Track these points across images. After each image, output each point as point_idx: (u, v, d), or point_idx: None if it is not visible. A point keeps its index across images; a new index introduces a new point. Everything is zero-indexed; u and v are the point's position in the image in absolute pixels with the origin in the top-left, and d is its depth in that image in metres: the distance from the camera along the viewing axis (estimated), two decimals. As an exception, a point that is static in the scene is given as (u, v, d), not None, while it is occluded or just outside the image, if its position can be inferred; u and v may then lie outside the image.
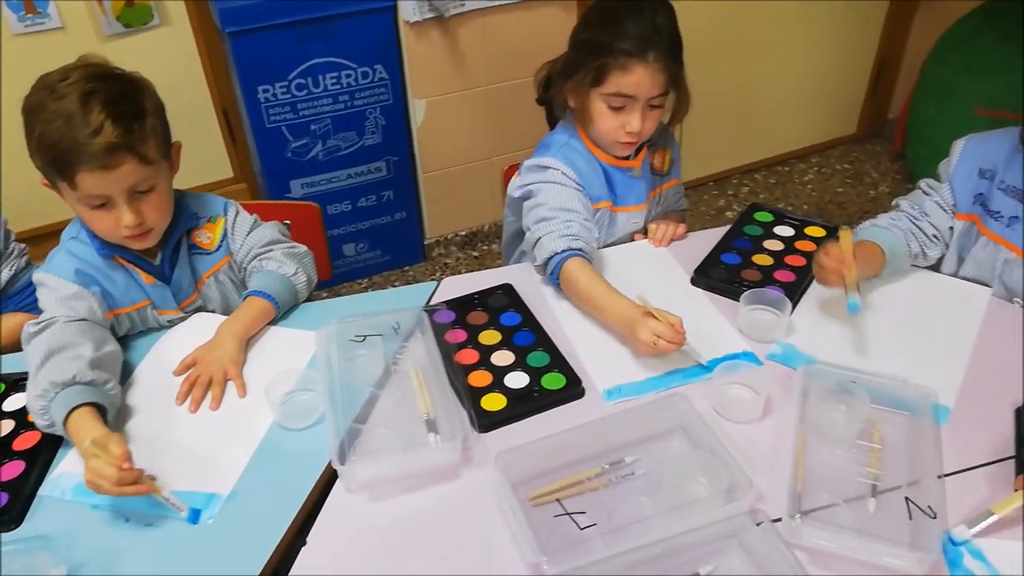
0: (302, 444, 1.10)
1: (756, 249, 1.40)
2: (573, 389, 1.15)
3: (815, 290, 1.33)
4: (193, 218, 1.30)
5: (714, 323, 1.27)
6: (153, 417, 1.15)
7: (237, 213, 1.35)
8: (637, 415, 1.08)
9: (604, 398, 1.14)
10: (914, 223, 1.36)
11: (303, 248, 1.39)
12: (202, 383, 1.18)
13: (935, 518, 0.91)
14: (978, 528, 0.91)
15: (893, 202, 1.42)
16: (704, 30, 2.63)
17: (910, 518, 0.92)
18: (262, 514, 1.00)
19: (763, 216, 1.49)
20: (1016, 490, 0.95)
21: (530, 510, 0.96)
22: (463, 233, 2.76)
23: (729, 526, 0.92)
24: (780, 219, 1.48)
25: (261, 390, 1.14)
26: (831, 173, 3.12)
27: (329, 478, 1.05)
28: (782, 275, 1.33)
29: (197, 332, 1.27)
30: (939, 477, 0.99)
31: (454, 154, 2.54)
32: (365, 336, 1.21)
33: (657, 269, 1.41)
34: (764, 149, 3.16)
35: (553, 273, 1.31)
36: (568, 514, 0.94)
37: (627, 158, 1.44)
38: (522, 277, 1.40)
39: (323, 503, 1.01)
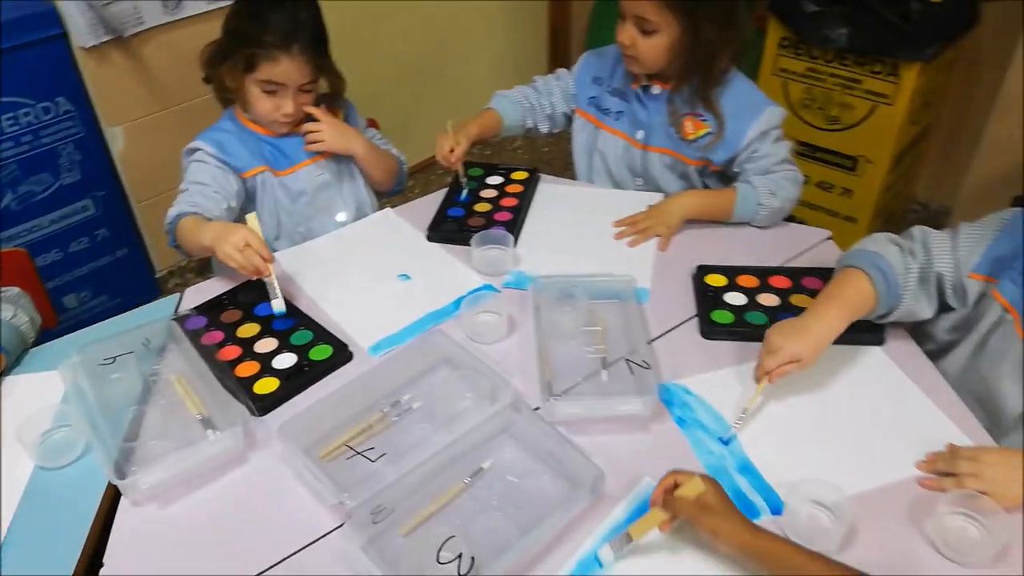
0: (72, 479, 1.06)
1: (475, 200, 1.57)
2: (341, 355, 1.22)
3: (530, 223, 1.53)
4: None
5: (454, 269, 1.41)
6: None
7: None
8: (404, 358, 1.18)
9: (370, 354, 1.23)
10: (539, 101, 1.70)
11: (15, 290, 1.31)
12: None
13: (649, 368, 1.13)
14: (619, 550, 0.91)
15: (532, 78, 1.75)
16: (388, 27, 2.78)
17: (632, 373, 1.14)
18: (44, 558, 0.96)
19: (475, 171, 1.67)
20: (653, 504, 0.94)
21: (324, 464, 1.03)
22: (196, 258, 2.65)
23: (498, 422, 1.07)
24: (489, 171, 1.67)
25: (12, 438, 1.07)
26: (536, 136, 3.46)
27: (111, 502, 1.03)
28: (501, 216, 1.51)
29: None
30: (648, 343, 1.22)
31: (167, 178, 2.41)
32: (115, 357, 1.18)
33: (397, 234, 1.52)
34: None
35: (170, 232, 1.41)
36: (359, 453, 1.02)
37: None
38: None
39: (111, 528, 1.00)
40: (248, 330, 1.28)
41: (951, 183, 2.58)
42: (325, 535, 0.97)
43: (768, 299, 1.28)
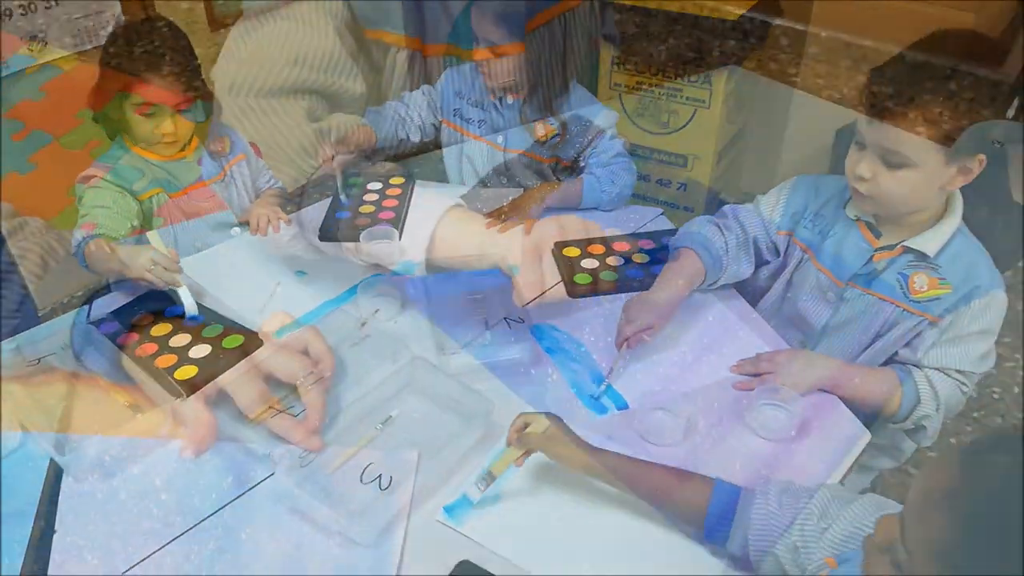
0: (10, 469, 1.14)
1: (359, 203, 1.76)
2: (253, 342, 1.36)
3: (411, 220, 1.73)
4: None
5: (347, 262, 1.58)
6: None
7: None
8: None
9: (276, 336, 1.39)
10: (408, 114, 1.90)
11: None
12: None
13: (524, 323, 1.36)
14: (484, 488, 1.07)
15: (401, 94, 1.93)
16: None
17: (511, 329, 1.37)
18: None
19: (356, 181, 1.86)
20: (508, 444, 1.10)
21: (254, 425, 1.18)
22: (78, 294, 2.65)
23: (402, 378, 1.26)
24: (368, 178, 1.86)
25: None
26: (407, 146, 3.68)
27: (53, 486, 1.13)
28: (385, 215, 1.70)
29: None
30: (523, 306, 1.45)
31: (42, 216, 2.44)
32: (39, 359, 1.27)
33: (292, 242, 1.68)
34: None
35: (79, 255, 1.53)
36: (282, 411, 1.18)
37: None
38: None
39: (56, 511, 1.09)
40: (161, 329, 1.39)
41: (768, 174, 3.00)
42: (260, 483, 1.12)
43: (614, 260, 1.55)
